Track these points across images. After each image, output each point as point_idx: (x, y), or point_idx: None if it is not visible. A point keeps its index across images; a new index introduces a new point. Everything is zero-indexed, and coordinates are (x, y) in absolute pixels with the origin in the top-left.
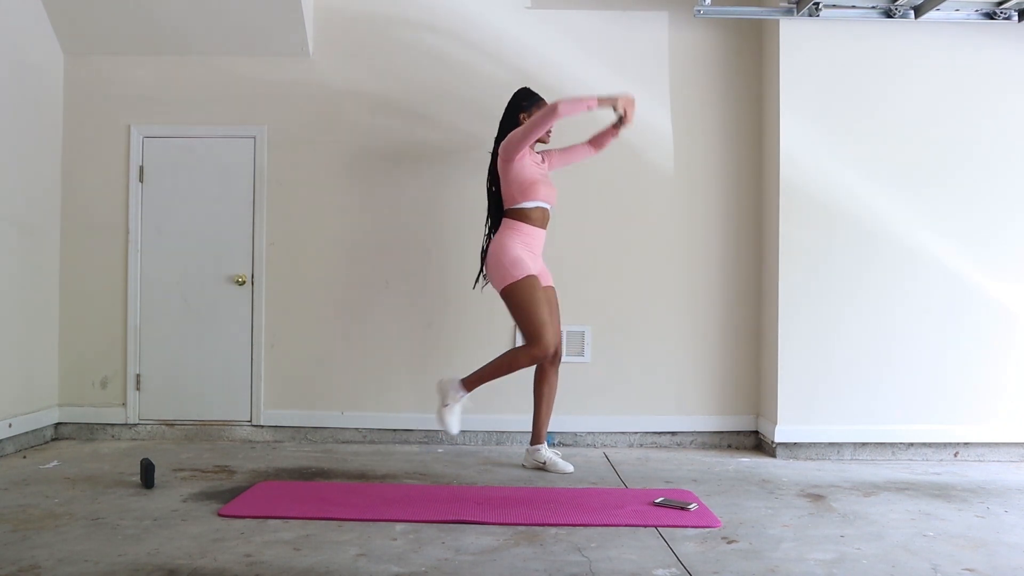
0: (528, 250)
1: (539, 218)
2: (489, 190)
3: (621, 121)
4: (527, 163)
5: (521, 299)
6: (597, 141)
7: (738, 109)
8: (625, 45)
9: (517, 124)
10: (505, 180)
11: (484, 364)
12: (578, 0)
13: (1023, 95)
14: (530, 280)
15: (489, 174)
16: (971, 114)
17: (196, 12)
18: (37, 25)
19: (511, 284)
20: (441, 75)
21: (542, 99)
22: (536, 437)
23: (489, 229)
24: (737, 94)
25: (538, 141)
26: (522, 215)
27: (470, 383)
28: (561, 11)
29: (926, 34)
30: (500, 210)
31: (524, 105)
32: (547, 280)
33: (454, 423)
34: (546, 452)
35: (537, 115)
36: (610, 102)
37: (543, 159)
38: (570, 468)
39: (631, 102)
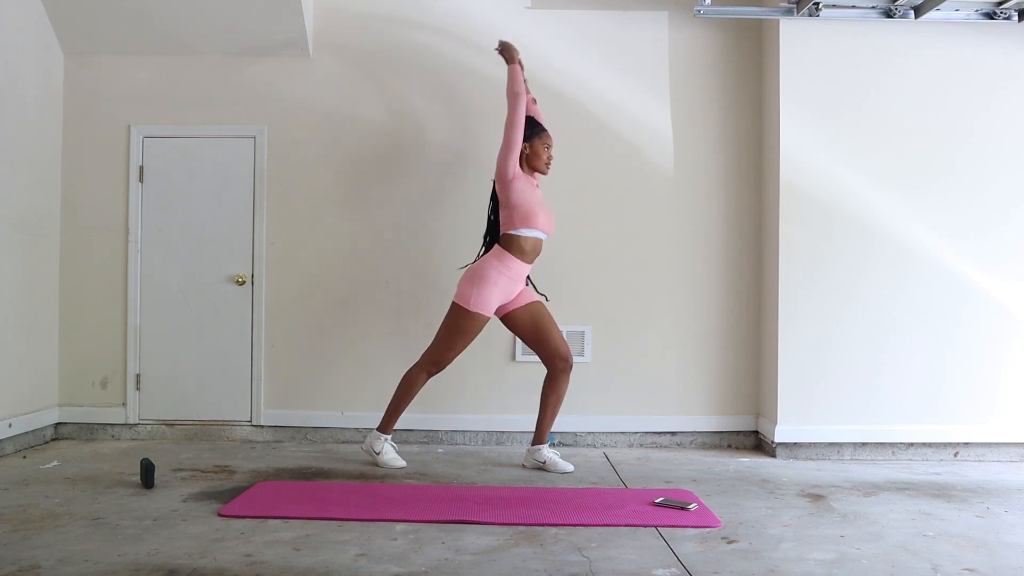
0: (509, 282)
1: (531, 250)
2: (489, 218)
3: (520, 67)
4: (526, 187)
5: (458, 324)
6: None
7: (738, 109)
8: (625, 45)
9: (521, 156)
10: (506, 205)
11: (388, 404)
12: (578, 0)
13: (1022, 94)
14: (479, 319)
15: (491, 199)
16: (972, 114)
17: (196, 12)
18: (37, 25)
19: (463, 308)
20: (441, 75)
21: (543, 129)
22: (538, 438)
23: (482, 251)
24: (737, 94)
25: (539, 173)
26: (516, 246)
27: (385, 425)
28: (561, 11)
29: (926, 34)
30: (495, 237)
31: (526, 135)
32: (531, 297)
33: (395, 459)
34: (547, 452)
35: (507, 123)
36: (515, 55)
37: (537, 184)
38: (570, 468)
39: (507, 44)
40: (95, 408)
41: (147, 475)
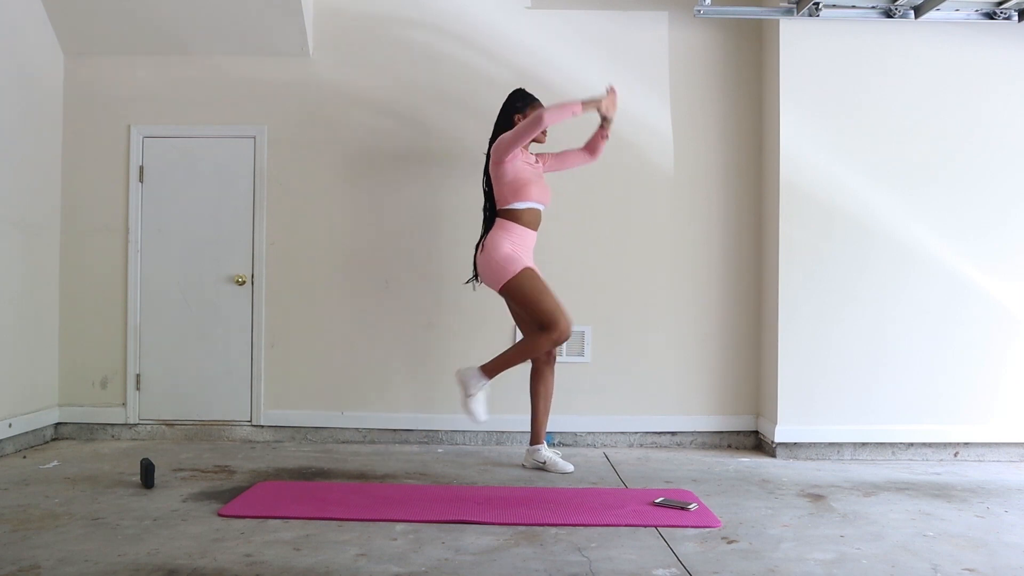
0: (522, 248)
1: (531, 220)
2: (484, 191)
3: (605, 121)
4: (519, 164)
5: (524, 291)
6: (591, 146)
7: (738, 109)
8: (625, 45)
9: (511, 125)
10: (497, 181)
11: (503, 351)
12: (578, 0)
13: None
14: (527, 272)
15: (484, 174)
16: (972, 114)
17: (196, 12)
18: (37, 25)
19: (509, 280)
20: (441, 75)
21: (536, 100)
22: (535, 437)
23: (484, 228)
24: (737, 94)
25: (534, 141)
26: (514, 216)
27: (490, 370)
28: (561, 11)
29: (926, 34)
30: (494, 209)
31: (519, 106)
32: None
33: (481, 411)
34: (546, 452)
35: (524, 123)
36: (594, 105)
37: (537, 159)
38: (570, 468)
39: (613, 101)
40: (95, 408)
41: (147, 475)
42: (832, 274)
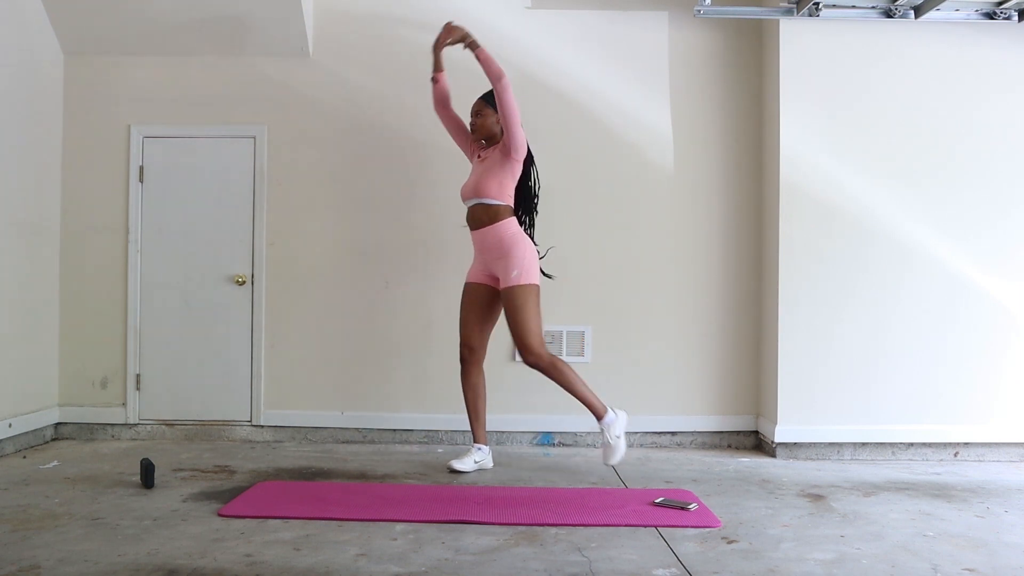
0: (476, 252)
1: (468, 218)
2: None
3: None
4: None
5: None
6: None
7: (738, 109)
8: (625, 45)
9: None
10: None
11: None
12: (578, 0)
13: (1023, 94)
14: (464, 287)
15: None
16: (972, 114)
17: (196, 12)
18: (37, 25)
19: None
20: None
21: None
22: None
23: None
24: (737, 94)
25: (473, 131)
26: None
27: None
28: (561, 11)
29: (926, 34)
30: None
31: None
32: (501, 282)
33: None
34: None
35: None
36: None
37: (479, 151)
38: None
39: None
40: (95, 408)
41: (147, 475)
42: (832, 274)
